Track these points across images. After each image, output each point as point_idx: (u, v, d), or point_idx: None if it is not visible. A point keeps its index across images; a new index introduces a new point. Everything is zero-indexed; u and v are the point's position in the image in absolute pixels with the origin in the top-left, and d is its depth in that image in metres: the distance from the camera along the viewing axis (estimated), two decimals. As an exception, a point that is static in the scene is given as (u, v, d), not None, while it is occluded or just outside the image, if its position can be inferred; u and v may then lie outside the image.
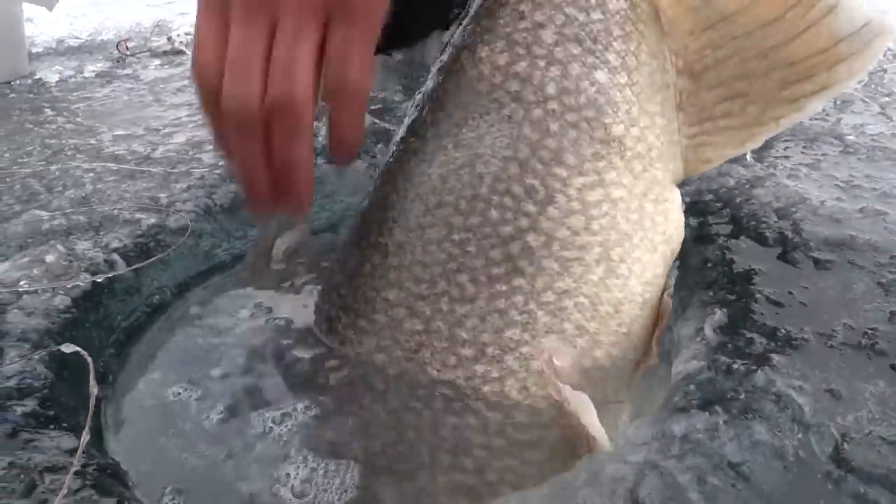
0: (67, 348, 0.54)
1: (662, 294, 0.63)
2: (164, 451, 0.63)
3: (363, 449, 0.58)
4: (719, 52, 0.58)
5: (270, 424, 0.62)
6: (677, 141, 0.61)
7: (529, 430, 0.58)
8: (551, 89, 0.58)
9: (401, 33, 0.83)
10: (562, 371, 0.56)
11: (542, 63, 0.58)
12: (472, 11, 0.64)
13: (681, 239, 0.64)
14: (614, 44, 0.59)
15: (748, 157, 0.91)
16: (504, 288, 0.57)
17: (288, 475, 0.57)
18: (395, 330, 0.60)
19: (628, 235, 0.59)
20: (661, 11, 0.60)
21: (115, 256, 0.81)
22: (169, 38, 1.68)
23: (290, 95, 0.55)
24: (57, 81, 1.52)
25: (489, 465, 0.56)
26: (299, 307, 0.72)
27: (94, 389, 0.48)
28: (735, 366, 0.59)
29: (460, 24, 0.65)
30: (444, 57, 0.64)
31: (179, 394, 0.70)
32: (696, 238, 0.77)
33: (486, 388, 0.58)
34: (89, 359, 0.52)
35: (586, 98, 0.58)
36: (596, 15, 0.59)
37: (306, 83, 0.56)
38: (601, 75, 0.58)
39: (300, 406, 0.63)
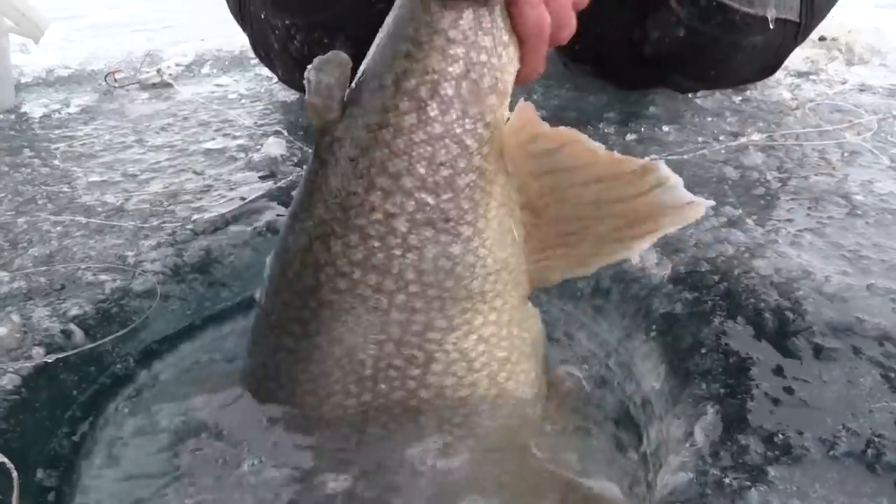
0: (-4, 457, 0.49)
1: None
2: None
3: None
4: (558, 195, 0.64)
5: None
6: (524, 268, 0.67)
7: None
8: (410, 275, 0.62)
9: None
10: None
11: (398, 252, 0.62)
12: (315, 200, 0.63)
13: (543, 332, 0.71)
14: (466, 216, 0.62)
15: (749, 220, 0.86)
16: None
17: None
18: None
19: (507, 359, 0.66)
20: (507, 151, 0.64)
21: (73, 326, 0.76)
22: (158, 70, 1.65)
23: None
24: (41, 117, 1.48)
25: None
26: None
27: (15, 513, 0.43)
28: (727, 480, 0.53)
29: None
30: (298, 244, 0.64)
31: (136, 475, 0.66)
32: (691, 315, 0.72)
33: None
34: (15, 474, 0.47)
35: (444, 273, 0.62)
36: (446, 195, 0.62)
37: None
38: (456, 249, 0.62)
39: None
